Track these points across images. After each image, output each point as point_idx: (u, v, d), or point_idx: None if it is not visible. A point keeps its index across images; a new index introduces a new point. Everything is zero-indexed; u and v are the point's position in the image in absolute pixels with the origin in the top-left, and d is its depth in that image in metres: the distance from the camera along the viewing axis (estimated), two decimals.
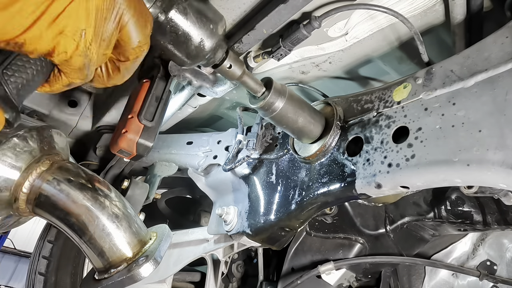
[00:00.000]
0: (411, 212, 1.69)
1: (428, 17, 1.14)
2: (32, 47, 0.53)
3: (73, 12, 0.54)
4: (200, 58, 0.86)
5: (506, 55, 0.74)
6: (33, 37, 0.52)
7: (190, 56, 0.85)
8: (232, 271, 2.25)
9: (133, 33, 0.65)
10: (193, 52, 0.84)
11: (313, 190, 1.04)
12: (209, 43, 0.84)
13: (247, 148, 1.27)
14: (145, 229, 0.93)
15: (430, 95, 0.85)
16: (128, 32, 0.64)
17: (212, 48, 0.85)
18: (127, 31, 0.64)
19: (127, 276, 0.80)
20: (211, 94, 1.26)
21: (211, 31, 0.85)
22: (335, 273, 1.71)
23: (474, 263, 1.88)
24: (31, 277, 1.72)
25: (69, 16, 0.54)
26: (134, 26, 0.64)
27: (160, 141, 1.77)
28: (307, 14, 1.05)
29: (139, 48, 0.68)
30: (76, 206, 0.81)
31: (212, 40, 0.85)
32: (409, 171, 0.83)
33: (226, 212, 1.33)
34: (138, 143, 0.98)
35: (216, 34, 0.85)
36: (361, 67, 1.43)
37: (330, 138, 1.01)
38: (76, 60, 0.59)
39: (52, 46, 0.54)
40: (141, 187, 1.69)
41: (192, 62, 0.87)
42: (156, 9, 0.77)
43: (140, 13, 0.66)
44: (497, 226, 1.51)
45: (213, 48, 0.85)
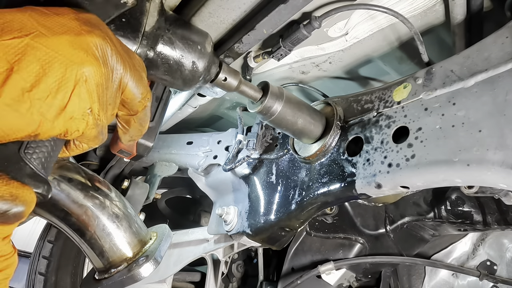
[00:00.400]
0: (411, 212, 1.69)
1: (428, 17, 1.14)
2: (46, 135, 0.56)
3: (77, 98, 0.56)
4: (196, 80, 0.88)
5: (506, 55, 0.74)
6: (46, 129, 0.55)
7: (186, 81, 0.87)
8: (232, 271, 2.25)
9: (135, 89, 0.67)
10: (188, 77, 0.86)
11: (313, 190, 1.04)
12: (202, 64, 0.86)
13: (247, 148, 1.27)
14: (145, 229, 0.93)
15: (430, 95, 0.85)
16: (130, 90, 0.67)
17: (205, 67, 0.87)
18: (129, 89, 0.66)
19: (127, 276, 0.80)
20: (211, 94, 1.26)
21: (200, 51, 0.86)
22: (335, 273, 1.71)
23: (474, 263, 1.88)
24: (31, 277, 1.73)
25: (74, 102, 0.56)
26: (133, 82, 0.66)
27: (160, 141, 1.77)
28: (307, 14, 1.05)
29: (144, 99, 0.71)
30: (76, 206, 0.81)
31: (204, 60, 0.86)
32: (409, 171, 0.83)
33: (226, 212, 1.33)
34: (138, 143, 0.98)
35: (205, 53, 0.87)
36: (361, 67, 1.43)
37: (330, 138, 1.01)
38: (90, 133, 0.62)
39: (65, 130, 0.57)
40: (141, 187, 1.69)
41: (190, 85, 0.89)
42: (144, 48, 0.78)
43: (134, 67, 0.68)
44: (497, 226, 1.51)
45: (206, 67, 0.87)
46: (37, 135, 0.55)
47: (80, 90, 0.56)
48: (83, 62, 0.56)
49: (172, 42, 0.83)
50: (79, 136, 0.61)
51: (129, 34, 0.75)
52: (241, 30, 1.00)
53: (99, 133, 0.65)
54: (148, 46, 0.79)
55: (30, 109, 0.52)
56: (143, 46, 0.78)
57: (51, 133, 0.56)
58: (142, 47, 0.78)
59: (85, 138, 0.64)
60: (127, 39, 0.75)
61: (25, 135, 0.54)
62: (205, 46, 0.88)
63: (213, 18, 0.98)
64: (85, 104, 0.58)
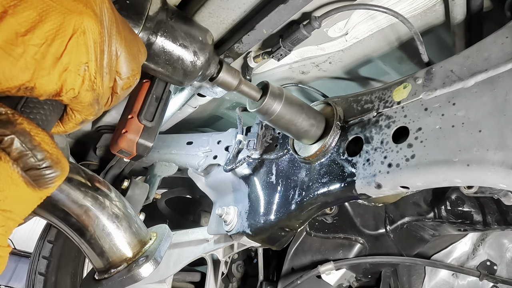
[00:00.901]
0: (411, 212, 1.69)
1: (428, 17, 1.14)
2: (42, 89, 0.54)
3: (74, 48, 0.55)
4: (197, 72, 0.88)
5: (506, 55, 0.74)
6: (41, 78, 0.53)
7: (187, 72, 0.87)
8: (232, 271, 2.25)
9: (126, 63, 0.65)
10: (189, 68, 0.86)
11: (313, 190, 1.04)
12: (203, 56, 0.86)
13: (247, 148, 1.27)
14: (145, 229, 0.93)
15: (430, 95, 0.85)
16: (120, 62, 0.64)
17: (206, 59, 0.87)
18: (120, 61, 0.64)
19: (127, 276, 0.80)
20: (211, 94, 1.26)
21: (201, 43, 0.87)
22: (335, 273, 1.71)
23: (474, 263, 1.88)
24: (31, 277, 1.73)
25: (71, 52, 0.54)
26: (126, 56, 0.65)
27: (160, 141, 1.77)
28: (307, 14, 1.05)
29: (133, 77, 0.68)
30: (76, 206, 0.81)
31: (205, 52, 0.87)
32: (409, 171, 0.83)
33: (226, 212, 1.33)
34: (138, 143, 0.98)
35: (207, 45, 0.87)
36: (361, 67, 1.43)
37: (330, 138, 1.01)
38: (85, 96, 0.59)
39: (60, 85, 0.55)
40: (141, 187, 1.69)
41: (190, 77, 0.88)
42: (146, 31, 0.79)
43: (131, 41, 0.66)
44: (497, 226, 1.51)
45: (207, 59, 0.87)
46: (32, 88, 0.53)
47: (77, 41, 0.55)
48: (82, 14, 0.55)
49: (175, 30, 0.83)
50: (74, 97, 0.58)
51: (132, 15, 0.76)
52: (241, 30, 1.01)
53: (95, 101, 0.62)
54: (151, 31, 0.79)
55: (23, 55, 0.50)
56: (146, 29, 0.78)
57: (46, 86, 0.54)
58: (145, 30, 0.78)
59: (80, 104, 0.60)
60: (131, 20, 0.75)
61: (20, 85, 0.51)
62: (207, 39, 0.89)
63: (213, 18, 0.98)
64: (81, 57, 0.56)
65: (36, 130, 0.54)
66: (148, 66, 0.85)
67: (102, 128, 1.77)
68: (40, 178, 0.54)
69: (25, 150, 0.52)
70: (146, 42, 0.79)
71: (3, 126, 0.51)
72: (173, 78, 0.89)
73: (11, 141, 0.51)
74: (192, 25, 0.89)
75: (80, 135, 1.86)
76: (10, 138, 0.51)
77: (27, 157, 0.52)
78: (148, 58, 0.83)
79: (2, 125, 0.51)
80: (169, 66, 0.85)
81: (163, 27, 0.81)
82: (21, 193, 0.52)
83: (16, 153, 0.51)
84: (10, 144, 0.51)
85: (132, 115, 0.98)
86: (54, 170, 0.55)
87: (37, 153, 0.53)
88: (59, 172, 0.56)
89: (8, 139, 0.51)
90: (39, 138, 0.54)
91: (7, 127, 0.51)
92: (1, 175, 0.50)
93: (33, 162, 0.53)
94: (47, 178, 0.55)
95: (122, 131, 0.97)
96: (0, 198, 0.50)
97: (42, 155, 0.54)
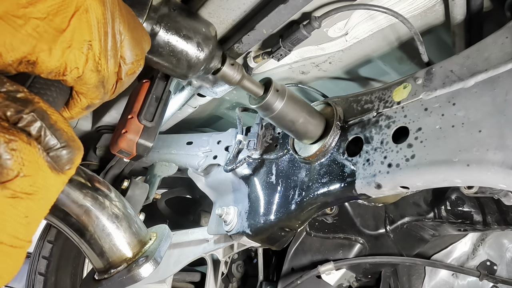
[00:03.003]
0: (411, 212, 1.69)
1: (428, 17, 1.14)
2: (44, 65, 0.53)
3: (76, 25, 0.54)
4: (201, 64, 0.87)
5: (506, 55, 0.74)
6: (43, 52, 0.52)
7: (191, 64, 0.86)
8: (232, 271, 2.25)
9: (131, 48, 0.65)
10: (193, 59, 0.86)
11: (313, 190, 1.04)
12: (207, 48, 0.86)
13: (247, 148, 1.26)
14: (145, 229, 0.93)
15: (430, 95, 0.85)
16: (124, 47, 0.64)
17: (210, 51, 0.87)
18: (124, 46, 0.64)
19: (127, 277, 0.80)
20: (211, 94, 1.26)
21: (205, 34, 0.86)
22: (335, 273, 1.71)
23: (474, 263, 1.88)
24: (31, 277, 1.72)
25: (73, 29, 0.54)
26: (130, 40, 0.64)
27: (160, 141, 1.76)
28: (307, 14, 1.05)
29: (137, 63, 0.67)
30: (76, 206, 0.81)
31: (209, 44, 0.86)
32: (409, 171, 0.83)
33: (226, 212, 1.33)
34: (138, 144, 0.98)
35: (210, 37, 0.87)
36: (361, 67, 1.43)
37: (330, 138, 1.01)
38: (90, 77, 0.58)
39: (63, 62, 0.54)
40: (141, 187, 1.69)
41: (194, 70, 0.88)
42: (150, 21, 0.79)
43: (135, 27, 0.66)
44: (497, 226, 1.51)
45: (210, 51, 0.87)
46: (34, 62, 0.52)
47: (80, 18, 0.54)
48: None
49: (178, 22, 0.83)
50: (78, 77, 0.57)
51: (137, 4, 0.76)
52: (241, 30, 1.00)
53: (100, 83, 0.61)
54: (155, 21, 0.79)
55: (24, 26, 0.49)
56: (149, 18, 0.78)
57: (49, 62, 0.53)
58: (149, 19, 0.78)
59: (85, 85, 0.59)
60: (135, 9, 0.75)
61: (21, 57, 0.51)
62: (210, 31, 0.88)
63: (213, 18, 0.98)
64: (84, 34, 0.55)
65: (51, 109, 0.53)
66: (151, 59, 0.85)
67: (102, 128, 1.77)
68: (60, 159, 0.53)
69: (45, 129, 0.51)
70: (150, 32, 0.79)
71: (23, 105, 0.50)
72: (177, 71, 0.88)
73: (32, 119, 0.50)
74: (195, 17, 0.88)
75: (80, 135, 1.86)
76: (31, 116, 0.50)
77: (47, 137, 0.51)
78: (152, 51, 0.82)
79: (22, 103, 0.50)
80: (173, 58, 0.84)
81: (167, 18, 0.81)
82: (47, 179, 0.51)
83: (36, 132, 0.50)
84: (31, 123, 0.50)
85: (132, 115, 0.98)
86: (72, 149, 0.54)
87: (56, 132, 0.52)
88: (76, 151, 0.55)
89: (28, 117, 0.50)
90: (55, 117, 0.53)
91: (27, 105, 0.50)
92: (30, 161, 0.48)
93: (53, 142, 0.52)
94: (66, 159, 0.53)
95: (122, 131, 0.96)
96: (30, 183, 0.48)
97: (60, 134, 0.53)
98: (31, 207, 0.49)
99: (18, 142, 0.47)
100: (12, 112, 0.48)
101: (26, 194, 0.47)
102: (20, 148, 0.47)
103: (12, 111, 0.48)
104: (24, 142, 0.48)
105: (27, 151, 0.48)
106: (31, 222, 0.49)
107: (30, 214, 0.49)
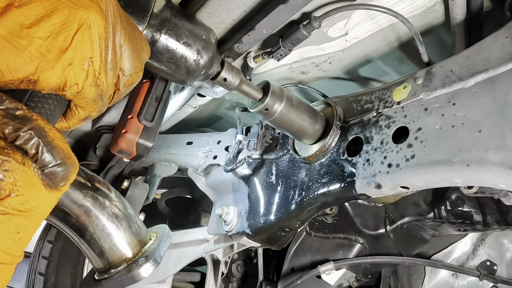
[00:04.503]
0: (411, 212, 1.69)
1: (428, 17, 1.14)
2: (45, 83, 0.53)
3: (79, 43, 0.54)
4: (200, 71, 0.88)
5: (506, 55, 0.74)
6: (45, 72, 0.52)
7: (190, 71, 0.86)
8: (232, 271, 2.25)
9: (130, 60, 0.65)
10: (192, 66, 0.86)
11: (313, 191, 1.04)
12: (206, 55, 0.86)
13: (247, 149, 1.26)
14: (145, 229, 0.93)
15: (430, 95, 0.85)
16: (124, 59, 0.64)
17: (209, 58, 0.87)
18: (123, 58, 0.64)
19: (127, 277, 0.80)
20: (211, 94, 1.26)
21: (205, 41, 0.86)
22: (335, 273, 1.71)
23: (474, 263, 1.88)
24: (31, 277, 1.72)
25: (76, 47, 0.54)
26: (129, 52, 0.64)
27: (160, 141, 1.76)
28: (307, 14, 1.05)
29: (136, 74, 0.68)
30: (76, 206, 0.81)
31: (208, 51, 0.87)
32: (409, 171, 0.83)
33: (226, 212, 1.33)
34: (138, 144, 0.98)
35: (210, 44, 0.87)
36: (361, 67, 1.43)
37: (330, 138, 1.01)
38: (89, 92, 0.59)
39: (63, 79, 0.55)
40: (141, 187, 1.69)
41: (193, 76, 0.88)
42: (151, 29, 0.78)
43: (135, 39, 0.66)
44: (497, 226, 1.51)
45: (210, 58, 0.87)
46: (36, 81, 0.52)
47: (82, 35, 0.54)
48: (88, 9, 0.55)
49: (179, 28, 0.83)
50: (77, 92, 0.57)
51: (137, 12, 0.76)
52: (241, 30, 1.01)
53: (99, 97, 0.61)
54: (155, 28, 0.79)
55: (28, 47, 0.49)
56: (150, 26, 0.78)
57: (50, 80, 0.53)
58: (150, 27, 0.78)
59: (83, 99, 0.60)
60: (135, 17, 0.75)
61: (23, 77, 0.51)
62: (210, 38, 0.88)
63: (213, 18, 0.98)
64: (86, 51, 0.55)
65: (49, 126, 0.54)
66: (151, 64, 0.85)
67: (102, 128, 1.77)
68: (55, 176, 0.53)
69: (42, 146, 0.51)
70: (150, 40, 0.79)
71: (21, 122, 0.50)
72: (176, 77, 0.89)
73: (29, 137, 0.50)
74: (195, 23, 0.88)
75: (80, 135, 1.86)
76: (29, 134, 0.50)
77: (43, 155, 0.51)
78: (152, 56, 0.82)
79: (20, 121, 0.50)
80: (172, 64, 0.84)
81: (167, 25, 0.81)
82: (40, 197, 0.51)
83: (33, 149, 0.50)
84: (28, 140, 0.50)
85: (132, 115, 0.98)
86: (67, 167, 0.54)
87: (52, 150, 0.52)
88: (71, 168, 0.56)
89: (26, 135, 0.50)
90: (52, 134, 0.53)
91: (25, 123, 0.50)
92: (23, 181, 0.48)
93: (49, 159, 0.52)
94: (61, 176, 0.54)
95: (122, 131, 0.97)
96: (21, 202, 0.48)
97: (56, 152, 0.53)
98: (23, 223, 0.49)
99: (11, 163, 0.47)
100: (10, 130, 0.49)
101: (18, 211, 0.48)
102: (13, 168, 0.47)
103: (10, 129, 0.49)
104: (18, 162, 0.48)
105: (20, 171, 0.48)
106: (23, 238, 0.50)
107: (21, 230, 0.49)
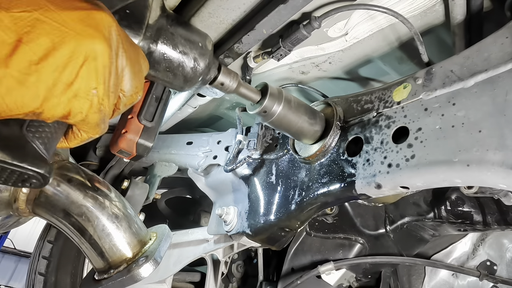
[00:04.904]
0: (411, 212, 1.69)
1: (428, 17, 1.14)
2: (50, 114, 0.54)
3: (85, 75, 0.55)
4: (197, 78, 0.87)
5: (506, 55, 0.74)
6: (51, 106, 0.53)
7: (187, 79, 0.86)
8: (232, 271, 2.25)
9: (130, 81, 0.65)
10: (190, 74, 0.86)
11: (313, 191, 1.04)
12: (203, 62, 0.86)
13: (247, 149, 1.27)
14: (145, 229, 0.93)
15: (430, 95, 0.85)
16: (125, 81, 0.64)
17: (206, 65, 0.87)
18: (124, 80, 0.64)
19: (127, 277, 0.80)
20: (211, 94, 1.26)
21: (201, 49, 0.86)
22: (335, 273, 1.71)
23: (474, 263, 1.88)
24: (31, 277, 1.73)
25: (81, 79, 0.55)
26: (130, 74, 0.65)
27: (160, 141, 1.77)
28: (307, 14, 1.05)
29: (136, 94, 0.68)
30: (76, 207, 0.81)
31: (205, 58, 0.86)
32: (409, 171, 0.83)
33: (226, 212, 1.33)
34: (138, 144, 0.98)
35: (207, 51, 0.87)
36: (361, 67, 1.43)
37: (330, 138, 1.01)
38: (92, 118, 0.59)
39: (68, 109, 0.55)
40: (141, 187, 1.69)
41: (190, 84, 0.88)
42: (147, 40, 0.78)
43: (135, 59, 0.66)
44: (497, 226, 1.51)
45: (207, 65, 0.87)
46: (40, 113, 0.53)
47: (88, 67, 0.55)
48: (94, 39, 0.55)
49: (175, 38, 0.83)
50: (81, 120, 0.58)
51: (133, 25, 0.76)
52: (241, 30, 1.00)
53: (101, 121, 0.62)
54: (151, 39, 0.79)
55: (36, 83, 0.50)
56: (146, 38, 0.78)
57: (54, 111, 0.54)
58: (146, 39, 0.78)
59: (87, 125, 0.61)
60: (131, 30, 0.75)
61: (29, 111, 0.52)
62: (206, 45, 0.88)
63: (213, 18, 0.98)
64: (91, 82, 0.56)
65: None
66: (148, 73, 0.85)
67: None
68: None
69: None
70: (147, 51, 0.79)
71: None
72: (174, 84, 0.89)
73: None
74: (191, 30, 0.88)
75: None
76: None
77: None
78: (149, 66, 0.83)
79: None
80: (169, 73, 0.84)
81: (163, 34, 0.81)
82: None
83: None
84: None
85: (132, 115, 0.99)
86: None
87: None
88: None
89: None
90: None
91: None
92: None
93: None
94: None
95: (122, 131, 0.97)
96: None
97: None
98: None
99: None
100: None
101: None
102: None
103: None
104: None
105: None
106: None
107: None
